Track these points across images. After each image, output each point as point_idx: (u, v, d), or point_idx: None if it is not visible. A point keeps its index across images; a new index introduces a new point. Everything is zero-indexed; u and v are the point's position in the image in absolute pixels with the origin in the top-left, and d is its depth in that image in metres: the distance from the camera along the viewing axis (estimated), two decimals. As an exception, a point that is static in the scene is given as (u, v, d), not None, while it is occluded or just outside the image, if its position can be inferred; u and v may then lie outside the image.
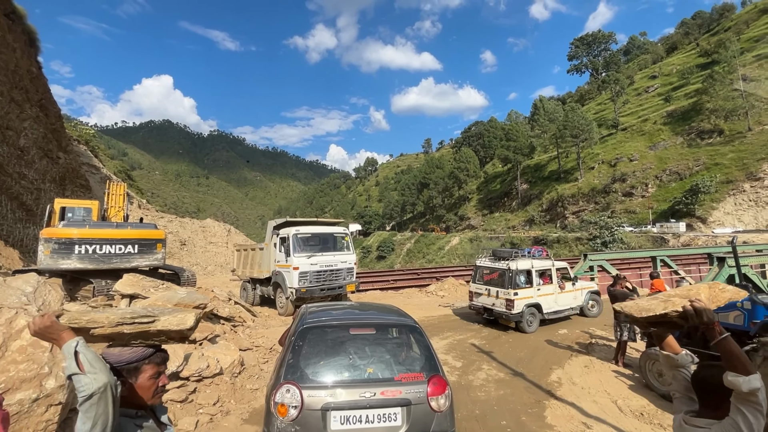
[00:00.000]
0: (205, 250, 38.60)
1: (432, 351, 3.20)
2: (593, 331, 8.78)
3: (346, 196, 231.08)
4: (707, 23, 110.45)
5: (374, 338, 3.24)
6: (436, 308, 11.89)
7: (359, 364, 3.03)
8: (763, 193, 50.93)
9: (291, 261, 10.75)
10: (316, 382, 2.87)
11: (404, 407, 2.81)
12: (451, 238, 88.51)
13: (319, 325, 3.25)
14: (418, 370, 3.04)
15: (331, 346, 3.13)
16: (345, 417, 2.72)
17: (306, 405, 2.72)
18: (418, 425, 2.77)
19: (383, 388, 2.84)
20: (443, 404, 2.89)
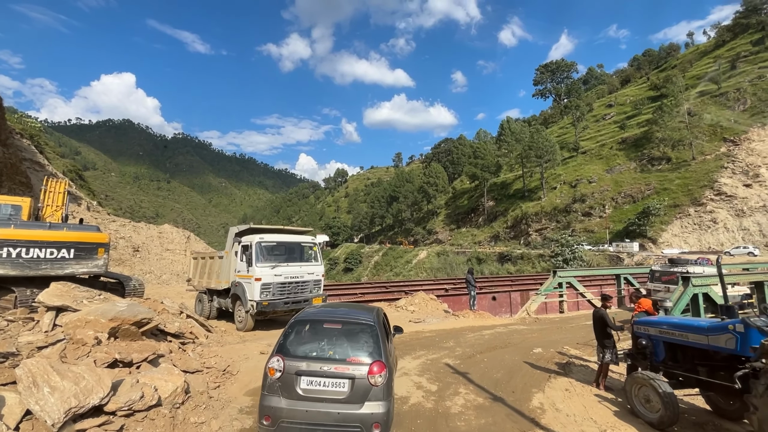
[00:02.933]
0: (160, 258, 36.12)
1: (379, 343, 4.35)
2: (567, 350, 8.59)
3: (315, 207, 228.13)
4: (656, 60, 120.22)
5: (339, 331, 4.45)
6: (407, 324, 11.35)
7: (325, 347, 4.30)
8: (706, 218, 54.89)
9: (253, 271, 9.91)
10: (294, 356, 4.22)
11: (350, 380, 4.04)
12: (419, 251, 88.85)
13: (303, 320, 4.70)
14: (366, 356, 4.20)
15: (310, 334, 4.49)
16: (309, 380, 4.06)
17: (286, 369, 4.10)
18: (358, 393, 4.00)
19: (337, 365, 4.09)
20: (379, 381, 4.04)
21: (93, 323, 5.22)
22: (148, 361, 5.06)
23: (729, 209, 53.95)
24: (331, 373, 4.02)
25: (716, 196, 55.32)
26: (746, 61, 78.48)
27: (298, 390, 4.00)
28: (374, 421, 3.89)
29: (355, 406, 3.93)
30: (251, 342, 8.06)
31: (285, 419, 3.90)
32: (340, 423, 3.88)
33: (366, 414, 3.90)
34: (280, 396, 4.01)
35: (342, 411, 3.91)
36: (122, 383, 4.03)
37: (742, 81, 70.99)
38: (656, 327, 5.27)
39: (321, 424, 3.88)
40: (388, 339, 4.84)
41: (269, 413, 3.94)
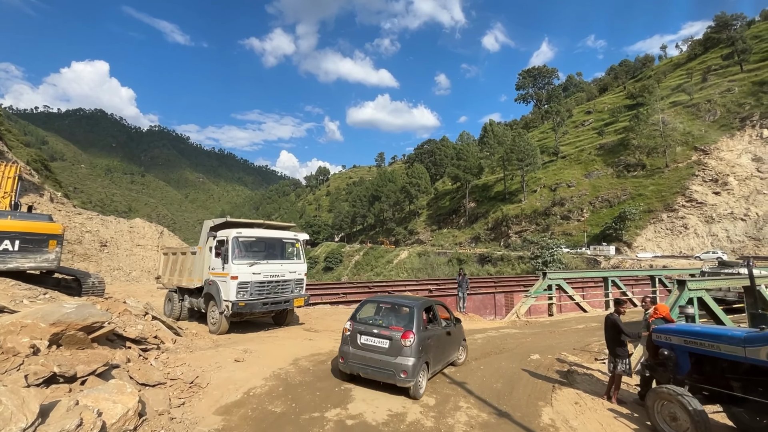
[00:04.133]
0: (130, 253, 34.24)
1: (413, 320, 6.09)
2: (565, 356, 8.16)
3: (295, 204, 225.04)
4: (632, 70, 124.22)
5: (389, 309, 6.67)
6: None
7: (378, 318, 6.57)
8: (678, 223, 56.73)
9: (229, 269, 9.04)
10: (358, 322, 6.37)
11: (389, 340, 5.91)
12: (400, 251, 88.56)
13: (368, 300, 7.15)
14: (402, 326, 6.05)
15: (370, 309, 6.88)
16: (366, 337, 6.08)
17: (353, 330, 6.22)
18: (394, 349, 5.82)
19: (382, 330, 6.05)
20: (408, 344, 5.79)
21: (30, 328, 4.33)
22: (96, 374, 4.22)
23: (699, 215, 55.92)
24: (378, 334, 6.01)
25: (687, 203, 57.26)
26: (716, 74, 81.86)
27: (359, 342, 6.09)
28: (403, 369, 5.68)
29: (391, 357, 5.79)
30: (225, 347, 7.24)
31: (351, 359, 6.04)
32: (382, 366, 5.81)
33: (398, 363, 5.73)
34: (349, 345, 6.15)
35: (383, 358, 5.84)
36: (56, 407, 3.20)
37: (713, 93, 73.89)
38: (681, 336, 4.84)
39: (370, 365, 5.90)
40: (434, 319, 6.90)
41: (343, 355, 6.15)
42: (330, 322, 11.12)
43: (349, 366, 5.97)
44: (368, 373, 5.86)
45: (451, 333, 7.12)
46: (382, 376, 5.75)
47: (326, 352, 7.43)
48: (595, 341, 9.81)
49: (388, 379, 5.69)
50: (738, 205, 54.88)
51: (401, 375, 5.57)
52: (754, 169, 58.24)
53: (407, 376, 5.56)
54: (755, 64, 75.84)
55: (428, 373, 6.10)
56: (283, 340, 8.31)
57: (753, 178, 57.05)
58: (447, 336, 6.91)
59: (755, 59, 77.37)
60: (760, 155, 59.04)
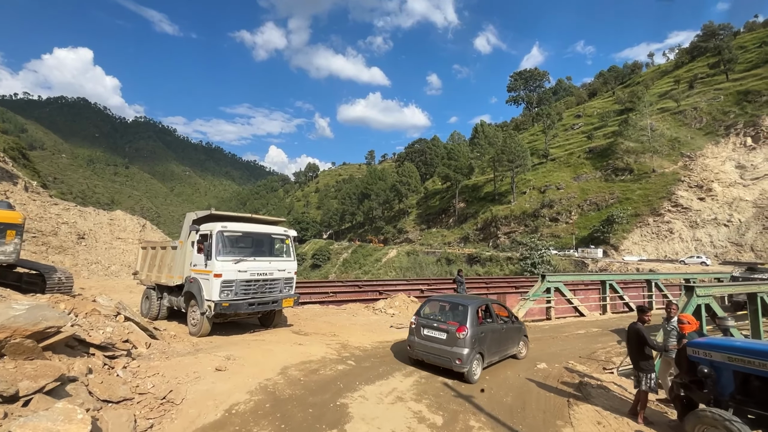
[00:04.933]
0: (110, 247, 32.88)
1: (467, 317, 7.04)
2: (572, 365, 7.69)
3: (284, 200, 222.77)
4: (621, 76, 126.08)
5: (448, 307, 7.82)
6: (389, 330, 10.13)
7: (438, 314, 7.76)
8: (663, 228, 57.54)
9: (212, 266, 8.29)
10: (422, 317, 7.53)
11: (446, 332, 6.98)
12: (389, 250, 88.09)
13: (430, 299, 8.41)
14: (458, 322, 7.07)
15: (433, 307, 8.04)
16: (427, 330, 7.22)
17: (417, 323, 7.39)
18: (451, 340, 6.87)
19: (441, 324, 7.16)
20: (462, 336, 6.78)
21: (-35, 335, 3.59)
22: (45, 391, 3.50)
23: (684, 220, 56.80)
24: (437, 328, 7.02)
25: (673, 208, 58.12)
26: (703, 83, 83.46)
27: (422, 334, 7.15)
28: (458, 357, 6.59)
29: (448, 347, 6.74)
30: (206, 352, 6.53)
31: (416, 348, 7.11)
32: (441, 354, 6.77)
33: (454, 351, 6.66)
34: (414, 336, 7.23)
35: (442, 348, 6.81)
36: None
37: (699, 101, 75.23)
38: (724, 352, 4.35)
39: (432, 353, 6.89)
40: (490, 317, 7.83)
41: (410, 344, 7.27)
42: (320, 324, 10.45)
43: (415, 353, 7.22)
44: (430, 359, 7.02)
45: (508, 329, 8.16)
46: (441, 362, 6.84)
47: (318, 360, 6.79)
48: (599, 348, 9.40)
49: (445, 365, 6.79)
50: (721, 211, 55.91)
51: (456, 362, 6.60)
52: (738, 176, 59.44)
53: (461, 363, 6.57)
54: (740, 73, 77.55)
55: (483, 362, 7.10)
56: (270, 344, 7.63)
57: (736, 185, 58.20)
58: (503, 332, 7.90)
59: (740, 69, 79.13)
60: (743, 163, 60.28)
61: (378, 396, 5.29)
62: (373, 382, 5.90)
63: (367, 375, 6.21)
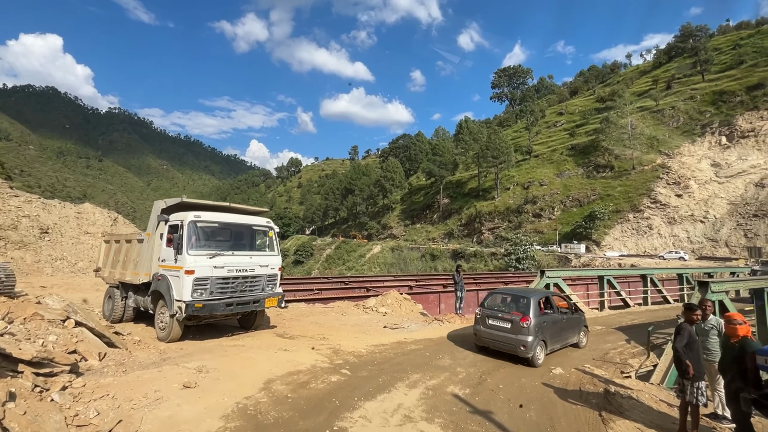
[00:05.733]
0: (77, 242, 30.81)
1: (530, 308, 7.77)
2: (589, 369, 7.01)
3: (265, 196, 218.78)
4: (601, 75, 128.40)
5: (510, 299, 8.56)
6: (383, 331, 9.27)
7: (501, 305, 8.53)
8: (643, 224, 58.69)
9: (183, 261, 7.22)
10: (486, 308, 8.41)
11: (510, 322, 7.72)
12: (373, 246, 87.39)
13: (493, 291, 9.30)
14: (521, 312, 7.83)
15: (495, 299, 8.81)
16: (492, 320, 8.06)
17: (482, 314, 8.29)
18: (515, 328, 7.60)
19: (505, 314, 7.93)
20: (526, 325, 7.50)
21: None
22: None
23: (663, 217, 58.08)
24: (502, 318, 7.87)
25: (652, 204, 59.33)
26: (680, 83, 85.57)
27: (487, 323, 8.08)
28: (522, 344, 7.42)
29: (513, 335, 7.57)
30: (173, 363, 5.50)
31: (482, 335, 8.10)
32: (506, 341, 7.65)
33: (518, 338, 7.48)
34: (480, 325, 8.21)
35: (507, 335, 7.68)
36: None
37: (677, 100, 77.05)
38: (812, 362, 3.69)
39: (497, 340, 7.82)
40: (551, 308, 8.37)
41: (476, 332, 8.28)
42: (307, 325, 9.49)
43: (481, 340, 8.10)
44: (496, 345, 7.84)
45: (569, 320, 8.77)
46: (507, 348, 7.61)
47: (307, 369, 5.85)
48: (610, 348, 8.81)
49: (511, 351, 7.54)
50: (698, 208, 57.39)
51: (521, 348, 7.35)
52: (713, 174, 61.11)
53: (526, 349, 7.32)
54: (715, 74, 79.79)
55: (546, 349, 7.83)
56: (250, 350, 6.64)
57: (711, 182, 59.82)
58: (564, 322, 8.53)
59: (716, 70, 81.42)
60: (718, 161, 62.00)
61: (382, 416, 4.41)
62: (373, 396, 5.02)
63: (365, 387, 5.32)
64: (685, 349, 4.49)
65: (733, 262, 42.46)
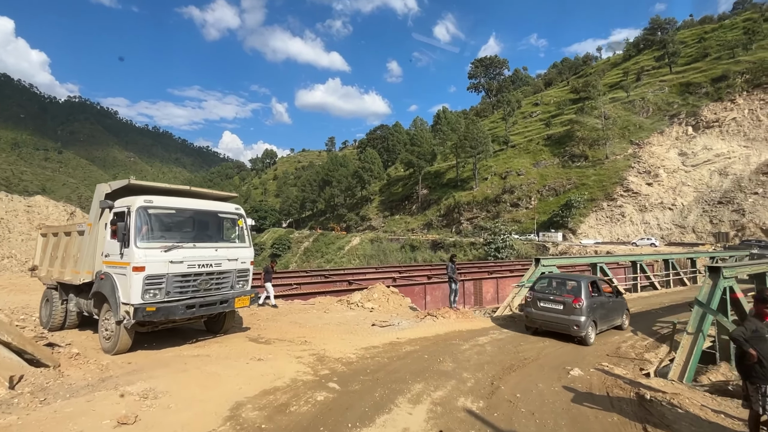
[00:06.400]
0: (27, 238, 28.20)
1: (581, 290, 8.38)
2: (608, 368, 6.25)
3: (240, 188, 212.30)
4: (574, 67, 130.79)
5: (559, 282, 9.19)
6: (372, 330, 8.25)
7: (552, 289, 9.11)
8: (616, 211, 60.11)
9: (130, 255, 5.91)
10: (536, 291, 9.15)
11: (563, 304, 8.39)
12: (352, 238, 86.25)
13: (543, 276, 10.15)
14: (573, 294, 8.40)
15: (545, 283, 9.45)
16: (543, 303, 8.78)
17: (533, 297, 9.05)
18: (567, 310, 8.26)
19: (557, 297, 8.64)
20: (578, 306, 8.12)
21: None
22: None
23: (634, 204, 59.65)
24: (554, 300, 8.55)
25: (625, 193, 60.81)
26: (649, 75, 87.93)
27: (538, 305, 8.76)
28: (575, 324, 8.11)
29: (566, 315, 8.23)
30: (110, 388, 4.26)
31: (534, 317, 8.75)
32: (559, 321, 8.32)
33: (571, 319, 8.16)
34: (531, 308, 8.88)
35: (559, 316, 8.34)
36: None
37: (646, 91, 79.07)
38: None
39: (550, 321, 8.50)
40: (598, 291, 9.04)
41: (527, 314, 9.00)
42: (285, 325, 8.34)
43: (533, 321, 8.63)
44: (549, 326, 8.41)
45: (614, 303, 9.46)
46: (560, 328, 8.18)
47: (286, 385, 4.75)
48: (618, 341, 8.18)
49: (564, 330, 8.12)
50: (667, 196, 59.24)
51: (575, 327, 7.89)
52: (680, 163, 63.12)
53: (579, 329, 7.86)
54: (682, 66, 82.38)
55: (596, 329, 8.36)
56: (217, 362, 5.46)
57: (679, 171, 61.81)
58: (610, 304, 9.16)
59: (682, 62, 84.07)
60: (685, 150, 64.07)
61: None
62: (371, 419, 4.01)
63: (360, 407, 4.29)
64: (749, 343, 3.72)
65: (700, 247, 44.01)
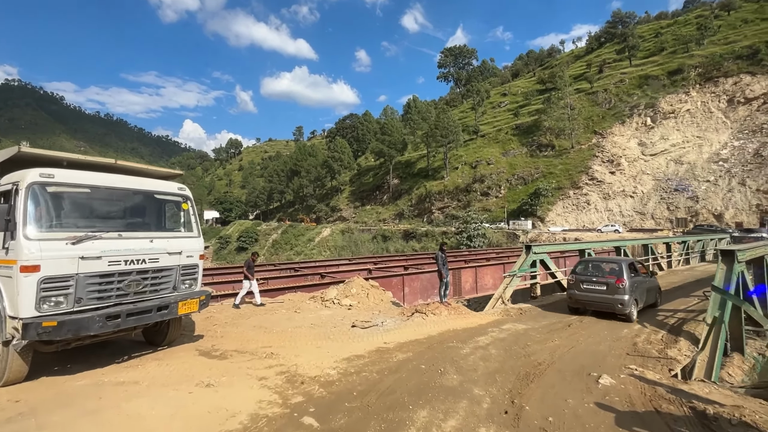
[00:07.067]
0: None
1: (623, 272, 9.18)
2: (639, 371, 5.29)
3: (203, 179, 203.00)
4: (540, 59, 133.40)
5: (603, 265, 9.97)
6: (352, 333, 6.95)
7: (594, 271, 9.90)
8: (582, 199, 61.78)
9: (17, 250, 4.26)
10: (578, 274, 9.94)
11: (606, 285, 9.25)
12: (323, 229, 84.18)
13: (584, 260, 10.78)
14: (614, 275, 9.30)
15: (586, 266, 10.18)
16: (585, 284, 9.62)
17: (575, 279, 9.82)
18: (610, 290, 9.13)
19: (600, 278, 9.46)
20: (621, 286, 9.00)
21: None
22: None
23: (599, 193, 61.52)
24: (597, 282, 9.28)
25: (590, 181, 62.57)
26: (611, 67, 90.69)
27: (582, 287, 9.49)
28: (620, 302, 8.86)
29: (610, 295, 8.99)
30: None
31: (577, 298, 9.50)
32: (603, 301, 9.06)
33: (615, 298, 8.91)
34: (574, 290, 9.60)
35: (603, 296, 9.08)
36: None
37: (608, 83, 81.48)
38: None
39: (594, 301, 9.25)
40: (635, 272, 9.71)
41: (570, 296, 9.70)
42: (248, 330, 6.86)
43: (577, 302, 9.65)
44: (594, 306, 9.39)
45: (649, 282, 10.16)
46: (605, 307, 9.14)
47: (242, 428, 3.38)
48: (633, 337, 7.33)
49: (608, 309, 9.08)
50: (628, 184, 61.48)
51: (619, 306, 8.89)
52: (640, 152, 65.61)
53: (624, 307, 8.87)
54: (641, 60, 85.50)
55: (637, 306, 9.24)
56: (146, 393, 3.97)
57: (639, 160, 64.24)
58: (646, 284, 9.85)
59: (641, 55, 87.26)
60: (645, 141, 66.62)
61: None
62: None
63: (348, 456, 3.03)
64: None
65: (659, 232, 46.09)
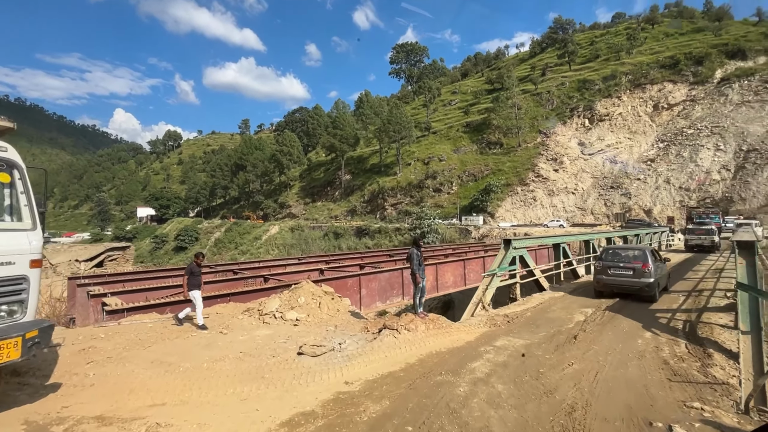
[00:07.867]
0: None
1: (647, 258, 10.35)
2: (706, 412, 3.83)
3: (137, 174, 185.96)
4: (487, 60, 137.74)
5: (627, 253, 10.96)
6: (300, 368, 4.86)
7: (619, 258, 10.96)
8: (529, 196, 63.84)
9: None
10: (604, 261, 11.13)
11: (632, 270, 10.41)
12: (270, 226, 79.86)
13: (608, 248, 11.98)
14: (640, 261, 10.44)
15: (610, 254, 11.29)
16: (613, 270, 10.79)
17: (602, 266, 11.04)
18: (637, 274, 10.30)
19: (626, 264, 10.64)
20: (647, 271, 10.16)
21: None
22: None
23: (544, 189, 63.94)
24: (623, 267, 10.30)
25: (536, 178, 64.85)
26: (552, 71, 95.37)
27: (608, 273, 10.47)
28: (646, 285, 9.88)
29: (636, 279, 10.00)
30: None
31: (605, 282, 10.47)
32: (630, 284, 10.06)
33: (642, 281, 9.92)
34: (602, 275, 10.57)
35: (630, 281, 10.08)
36: None
37: (551, 86, 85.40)
38: None
39: (622, 285, 10.22)
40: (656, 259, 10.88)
41: (598, 281, 10.73)
42: (139, 371, 4.55)
43: (604, 287, 10.62)
44: (621, 289, 10.32)
45: (664, 269, 11.70)
46: (631, 291, 10.14)
47: None
48: (650, 347, 5.99)
49: (635, 292, 10.08)
50: (570, 181, 64.53)
51: (645, 288, 9.87)
52: (580, 151, 69.23)
53: (649, 289, 9.88)
54: (579, 65, 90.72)
55: (659, 288, 10.51)
56: None
57: (579, 159, 67.72)
58: (663, 270, 11.40)
59: (579, 61, 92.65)
60: (584, 140, 70.45)
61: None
62: None
63: None
64: None
65: (597, 227, 48.65)
